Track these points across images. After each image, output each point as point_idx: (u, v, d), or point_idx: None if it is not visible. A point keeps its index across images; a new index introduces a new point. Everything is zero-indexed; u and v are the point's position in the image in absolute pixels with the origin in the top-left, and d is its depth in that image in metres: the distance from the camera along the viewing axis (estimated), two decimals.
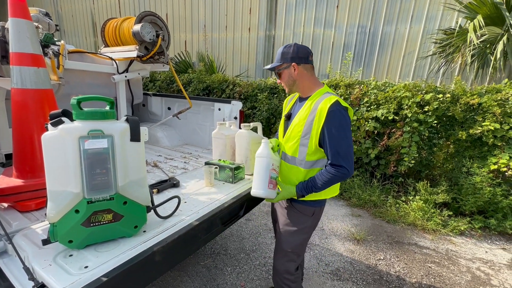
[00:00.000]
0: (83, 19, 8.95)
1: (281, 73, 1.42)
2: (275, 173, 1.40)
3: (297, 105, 1.48)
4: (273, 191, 1.39)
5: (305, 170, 1.39)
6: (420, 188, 3.26)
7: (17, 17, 1.34)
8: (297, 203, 1.45)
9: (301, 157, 1.38)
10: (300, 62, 1.38)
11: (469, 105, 3.08)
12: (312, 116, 1.31)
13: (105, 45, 2.76)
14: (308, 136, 1.33)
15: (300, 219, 1.46)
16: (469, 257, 2.60)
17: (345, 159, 1.27)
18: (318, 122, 1.29)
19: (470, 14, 3.79)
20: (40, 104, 1.43)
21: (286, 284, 1.54)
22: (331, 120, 1.26)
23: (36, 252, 1.04)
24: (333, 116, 1.26)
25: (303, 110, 1.38)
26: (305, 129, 1.34)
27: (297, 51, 1.37)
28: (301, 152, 1.38)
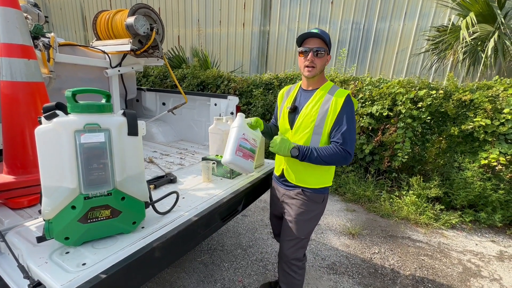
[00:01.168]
0: (72, 12, 8.69)
1: (323, 53, 1.37)
2: (247, 143, 1.42)
3: (302, 96, 1.49)
4: (244, 160, 1.40)
5: None
6: (413, 183, 3.32)
7: (5, 6, 1.28)
8: (308, 192, 1.48)
9: (314, 144, 1.41)
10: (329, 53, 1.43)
11: (461, 101, 3.14)
12: (327, 106, 1.37)
13: (97, 38, 2.68)
14: (322, 124, 1.38)
15: (311, 206, 1.50)
16: (460, 250, 2.67)
17: (351, 146, 1.36)
18: (334, 110, 1.35)
19: (462, 12, 3.84)
20: (31, 98, 1.38)
21: (294, 271, 1.59)
22: (346, 109, 1.35)
23: (30, 249, 1.01)
24: (348, 105, 1.36)
25: (314, 100, 1.41)
26: (320, 118, 1.38)
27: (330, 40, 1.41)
28: (314, 140, 1.41)
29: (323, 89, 1.43)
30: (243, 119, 1.47)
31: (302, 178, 1.48)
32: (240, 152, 1.39)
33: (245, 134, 1.43)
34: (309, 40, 1.37)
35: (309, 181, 1.48)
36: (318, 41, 1.36)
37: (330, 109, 1.36)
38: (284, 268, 1.62)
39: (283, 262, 1.62)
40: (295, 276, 1.60)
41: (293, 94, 1.55)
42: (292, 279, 1.61)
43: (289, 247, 1.57)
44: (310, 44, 1.37)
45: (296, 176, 1.49)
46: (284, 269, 1.62)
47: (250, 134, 1.45)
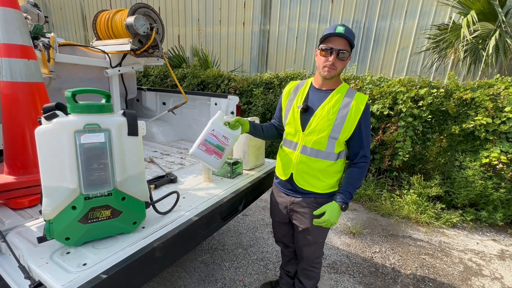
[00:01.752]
0: (72, 12, 8.69)
1: (345, 58, 1.29)
2: (214, 139, 1.45)
3: (314, 96, 1.40)
4: (207, 155, 1.44)
5: (332, 162, 1.39)
6: (414, 182, 3.32)
7: (4, 6, 1.27)
8: (320, 198, 1.44)
9: (329, 150, 1.36)
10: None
11: (462, 100, 3.13)
12: (346, 110, 1.32)
13: (97, 38, 2.68)
14: (339, 129, 1.33)
15: None
16: (461, 249, 2.67)
17: (369, 151, 1.40)
18: (355, 116, 1.31)
19: (463, 10, 3.83)
20: (31, 98, 1.38)
21: (314, 267, 1.64)
22: (367, 116, 1.34)
23: (31, 250, 1.01)
24: (368, 112, 1.35)
25: (331, 102, 1.34)
26: (338, 122, 1.32)
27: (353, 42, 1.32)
28: (330, 144, 1.36)
29: (339, 91, 1.36)
30: (220, 116, 1.49)
31: (313, 184, 1.42)
32: (203, 147, 1.43)
33: (215, 130, 1.46)
34: (334, 39, 1.26)
35: (319, 186, 1.42)
36: (343, 42, 1.26)
37: (350, 114, 1.31)
38: (305, 267, 1.64)
39: (304, 264, 1.63)
40: (315, 270, 1.65)
41: (303, 92, 1.45)
42: (311, 273, 1.66)
43: (310, 252, 1.57)
44: (335, 44, 1.26)
45: (307, 182, 1.42)
46: (305, 268, 1.65)
47: (222, 131, 1.46)
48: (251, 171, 2.00)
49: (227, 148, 1.48)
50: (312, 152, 1.38)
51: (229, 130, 1.48)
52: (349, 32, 1.26)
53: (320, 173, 1.40)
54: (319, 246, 1.56)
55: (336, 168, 1.42)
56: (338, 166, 1.42)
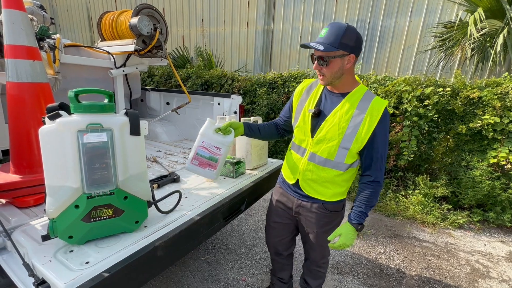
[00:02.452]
0: (78, 13, 8.81)
1: (331, 61, 1.16)
2: (206, 152, 1.45)
3: (327, 100, 1.28)
4: (201, 169, 1.47)
5: (341, 172, 1.28)
6: (419, 182, 3.27)
7: (10, 8, 1.30)
8: (329, 204, 1.36)
9: (339, 159, 1.25)
10: (357, 55, 1.19)
11: (469, 98, 3.07)
12: (361, 118, 1.18)
13: (102, 39, 2.71)
14: (352, 139, 1.20)
15: (332, 217, 1.41)
16: (468, 250, 2.62)
17: (383, 169, 1.26)
18: (370, 124, 1.17)
19: (470, 7, 3.76)
20: (37, 99, 1.40)
21: (322, 267, 1.62)
22: (384, 124, 1.19)
23: (35, 248, 1.03)
24: (385, 119, 1.19)
25: (344, 108, 1.21)
26: (350, 131, 1.20)
27: (357, 39, 1.15)
28: (340, 155, 1.24)
29: (354, 94, 1.22)
30: (208, 125, 1.48)
31: (319, 191, 1.35)
32: (196, 161, 1.45)
33: (205, 142, 1.46)
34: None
35: (326, 194, 1.34)
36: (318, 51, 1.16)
37: (364, 123, 1.17)
38: (311, 267, 1.63)
39: (310, 264, 1.62)
40: (321, 270, 1.63)
41: (315, 94, 1.33)
42: (318, 273, 1.64)
43: (316, 255, 1.55)
44: (316, 52, 1.18)
45: (313, 189, 1.35)
46: (311, 268, 1.63)
47: (213, 142, 1.45)
48: (253, 171, 2.00)
49: (221, 157, 1.48)
50: (320, 160, 1.29)
51: (221, 138, 1.45)
52: (331, 33, 1.13)
53: (327, 182, 1.32)
54: (325, 248, 1.52)
55: (346, 177, 1.32)
56: (348, 175, 1.32)
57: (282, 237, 1.60)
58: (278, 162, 2.24)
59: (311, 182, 1.35)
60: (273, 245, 1.67)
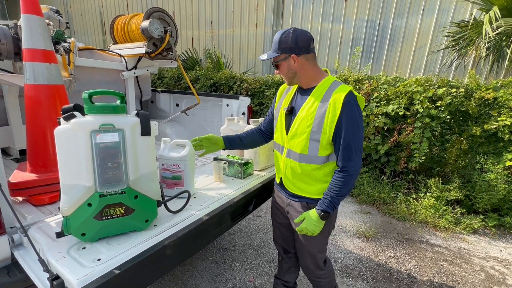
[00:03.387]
0: (92, 17, 9.06)
1: (279, 65, 1.29)
2: (168, 173, 1.48)
3: (298, 97, 1.35)
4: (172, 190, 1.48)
5: (319, 165, 1.29)
6: (431, 185, 3.20)
7: (29, 13, 1.35)
8: (312, 204, 1.34)
9: (312, 153, 1.27)
10: (300, 53, 1.23)
11: (484, 99, 2.99)
12: (324, 108, 1.21)
13: (114, 42, 2.78)
14: (320, 130, 1.22)
15: None
16: (482, 256, 2.54)
17: (356, 160, 1.22)
18: (333, 114, 1.19)
19: (485, 6, 3.66)
20: (52, 100, 1.45)
21: (321, 278, 1.53)
22: (347, 111, 1.17)
23: (50, 244, 1.06)
24: (349, 106, 1.17)
25: (309, 103, 1.26)
26: (317, 122, 1.23)
27: (296, 39, 1.21)
28: (312, 148, 1.26)
29: (320, 86, 1.26)
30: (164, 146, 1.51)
31: (301, 188, 1.36)
32: (163, 184, 1.48)
33: (164, 164, 1.48)
34: None
35: (309, 190, 1.34)
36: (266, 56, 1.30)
37: (328, 112, 1.19)
38: (311, 278, 1.58)
39: (308, 275, 1.57)
40: (321, 280, 1.55)
41: (291, 93, 1.40)
42: (319, 283, 1.57)
43: (306, 261, 1.50)
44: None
45: (295, 185, 1.37)
46: (312, 279, 1.58)
47: (170, 161, 1.47)
48: (261, 172, 2.00)
49: (184, 173, 1.47)
50: (295, 156, 1.32)
51: (176, 155, 1.47)
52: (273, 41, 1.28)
53: (306, 177, 1.32)
54: (316, 256, 1.45)
55: (325, 171, 1.30)
56: (327, 169, 1.30)
57: (286, 235, 1.60)
58: None
59: (291, 178, 1.37)
60: (281, 243, 1.67)
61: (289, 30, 1.24)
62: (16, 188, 1.34)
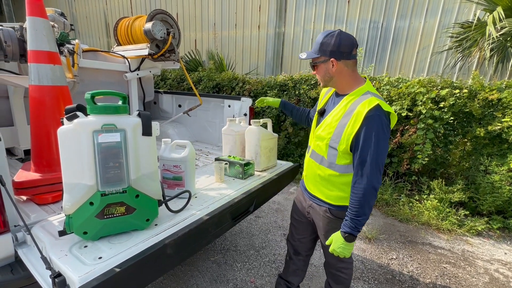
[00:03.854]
0: (96, 20, 9.17)
1: (317, 66, 1.26)
2: (168, 173, 1.49)
3: (332, 101, 1.34)
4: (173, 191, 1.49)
5: (337, 173, 1.28)
6: (434, 186, 3.17)
7: (34, 16, 1.38)
8: (335, 210, 1.34)
9: (331, 159, 1.27)
10: (340, 58, 1.20)
11: (488, 100, 2.96)
12: (347, 119, 1.17)
13: (118, 44, 2.81)
14: (338, 140, 1.21)
15: (338, 222, 1.33)
16: (487, 258, 2.51)
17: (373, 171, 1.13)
18: (352, 127, 1.15)
19: (489, 6, 3.63)
20: (56, 100, 1.47)
21: (342, 272, 1.55)
22: (367, 126, 1.12)
23: (53, 242, 1.07)
24: (371, 121, 1.11)
25: (337, 110, 1.25)
26: (337, 131, 1.21)
27: (339, 44, 1.17)
28: (330, 155, 1.27)
29: (351, 95, 1.22)
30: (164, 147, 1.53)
31: (321, 190, 1.37)
32: (165, 184, 1.50)
33: (165, 164, 1.50)
34: None
35: (327, 194, 1.35)
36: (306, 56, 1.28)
37: (348, 124, 1.15)
38: (330, 269, 1.59)
39: (329, 267, 1.58)
40: (341, 274, 1.56)
41: (328, 95, 1.41)
42: (338, 277, 1.57)
43: (330, 257, 1.50)
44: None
45: (314, 185, 1.39)
46: (330, 271, 1.59)
47: (171, 161, 1.49)
48: (263, 173, 2.00)
49: (184, 174, 1.49)
50: (317, 158, 1.34)
51: (177, 155, 1.49)
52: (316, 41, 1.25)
53: (324, 180, 1.32)
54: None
55: (343, 181, 1.28)
56: (345, 179, 1.27)
57: (303, 235, 1.62)
58: (287, 164, 2.24)
59: (311, 179, 1.41)
60: (294, 244, 1.68)
61: (334, 32, 1.20)
62: (20, 187, 1.36)
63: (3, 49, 1.62)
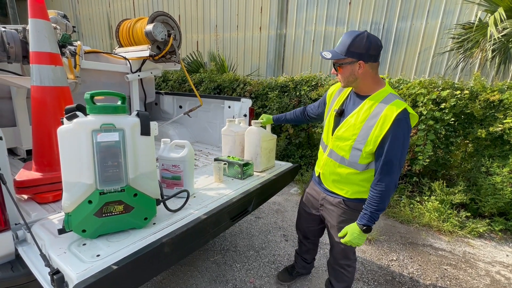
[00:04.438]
0: (99, 22, 9.26)
1: (341, 67, 1.26)
2: (168, 173, 1.51)
3: (351, 101, 1.36)
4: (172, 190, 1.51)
5: (357, 171, 1.34)
6: (435, 188, 3.15)
7: (36, 18, 1.40)
8: (350, 202, 1.42)
9: (353, 159, 1.32)
10: (368, 61, 1.21)
11: (489, 101, 2.95)
12: (374, 121, 1.21)
13: (120, 46, 2.84)
14: (364, 141, 1.25)
15: (353, 215, 1.41)
16: (488, 260, 2.49)
17: (397, 170, 1.22)
18: (380, 129, 1.19)
19: (490, 7, 3.63)
20: (57, 101, 1.49)
21: (345, 270, 1.61)
22: (395, 129, 1.16)
23: (52, 240, 1.09)
24: (399, 125, 1.16)
25: (361, 111, 1.27)
26: (363, 133, 1.25)
27: (369, 47, 1.19)
28: (353, 155, 1.30)
29: (375, 97, 1.24)
30: (164, 146, 1.55)
31: (338, 186, 1.43)
32: (164, 184, 1.52)
33: (164, 164, 1.51)
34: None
35: (345, 189, 1.41)
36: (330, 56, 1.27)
37: (376, 126, 1.20)
38: (334, 265, 1.65)
39: (332, 260, 1.65)
40: (344, 272, 1.62)
41: (344, 95, 1.43)
42: (341, 274, 1.63)
43: (337, 251, 1.57)
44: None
45: (332, 184, 1.46)
46: (334, 266, 1.65)
47: (170, 161, 1.50)
48: (262, 173, 2.01)
49: (183, 173, 1.50)
50: (337, 158, 1.39)
51: (176, 155, 1.51)
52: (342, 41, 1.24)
53: (344, 178, 1.38)
54: (346, 251, 1.55)
55: (364, 177, 1.35)
56: (366, 176, 1.34)
57: (310, 225, 1.76)
58: (287, 165, 2.24)
59: (329, 176, 1.46)
60: (302, 230, 1.84)
61: (363, 34, 1.20)
62: (21, 186, 1.38)
63: (6, 50, 1.65)
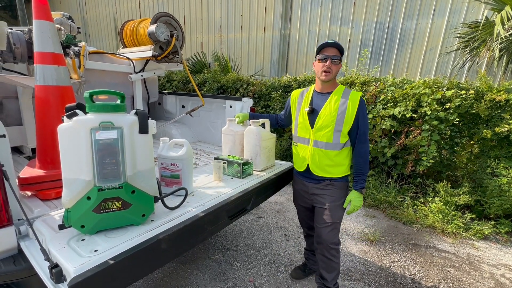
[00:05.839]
0: (106, 23, 9.41)
1: (338, 63, 1.61)
2: (166, 171, 1.53)
3: (317, 99, 1.70)
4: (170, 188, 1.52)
5: (339, 151, 1.67)
6: (439, 189, 3.11)
7: (40, 19, 1.44)
8: (337, 181, 1.72)
9: (336, 141, 1.65)
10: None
11: (495, 102, 2.90)
12: (345, 106, 1.60)
13: (124, 46, 2.88)
14: (341, 122, 1.61)
15: (340, 193, 1.73)
16: (493, 263, 2.44)
17: (367, 138, 1.66)
18: (353, 108, 1.59)
19: (497, 6, 3.56)
20: (60, 100, 1.52)
21: (333, 255, 1.76)
22: (362, 107, 1.61)
23: (52, 235, 1.12)
24: (363, 104, 1.62)
25: (331, 102, 1.64)
26: (340, 117, 1.61)
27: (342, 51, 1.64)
28: (336, 137, 1.64)
29: (337, 92, 1.66)
30: (162, 145, 1.56)
31: (327, 170, 1.70)
32: (163, 182, 1.54)
33: (163, 162, 1.53)
34: (327, 49, 1.60)
35: (333, 172, 1.70)
36: (335, 51, 1.58)
37: (348, 110, 1.59)
38: (324, 253, 1.76)
39: (323, 248, 1.76)
40: (334, 259, 1.76)
41: (308, 97, 1.75)
42: (331, 263, 1.77)
43: (327, 232, 1.73)
44: (328, 52, 1.59)
45: (322, 170, 1.71)
46: (324, 255, 1.77)
47: (168, 160, 1.52)
48: (261, 172, 2.02)
49: (182, 172, 1.51)
50: (322, 144, 1.67)
51: (174, 154, 1.53)
52: (338, 43, 1.60)
53: (331, 161, 1.68)
54: (335, 228, 1.74)
55: (343, 155, 1.69)
56: (344, 154, 1.69)
57: (310, 216, 1.94)
58: (287, 164, 2.24)
59: (318, 164, 1.70)
60: (305, 223, 2.05)
61: None
62: (25, 183, 1.41)
63: (12, 51, 1.69)
